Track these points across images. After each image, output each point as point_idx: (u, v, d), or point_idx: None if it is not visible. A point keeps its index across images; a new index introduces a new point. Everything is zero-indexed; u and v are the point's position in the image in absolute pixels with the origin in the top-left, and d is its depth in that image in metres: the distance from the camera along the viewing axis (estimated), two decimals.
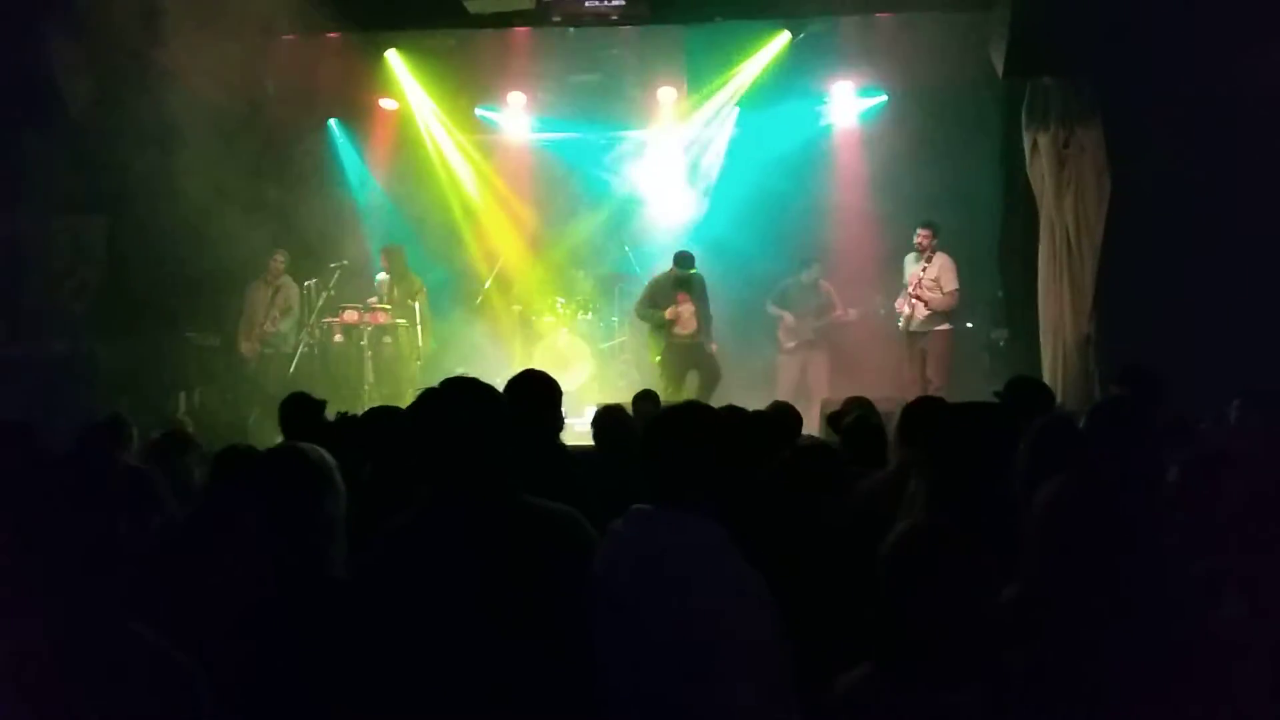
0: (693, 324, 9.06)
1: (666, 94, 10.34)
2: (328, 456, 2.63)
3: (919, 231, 8.62)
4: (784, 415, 4.08)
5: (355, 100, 10.15)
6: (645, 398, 5.89)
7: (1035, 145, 7.64)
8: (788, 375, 9.29)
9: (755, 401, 4.79)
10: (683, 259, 9.17)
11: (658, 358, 9.17)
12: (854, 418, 4.09)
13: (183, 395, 8.96)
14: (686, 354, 9.05)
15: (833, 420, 4.43)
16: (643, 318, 9.37)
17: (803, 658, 2.28)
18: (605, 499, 2.63)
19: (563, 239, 10.61)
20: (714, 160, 10.64)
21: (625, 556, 2.30)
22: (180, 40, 8.19)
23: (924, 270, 8.51)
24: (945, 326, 8.58)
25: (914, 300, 8.52)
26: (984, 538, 2.50)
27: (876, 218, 9.00)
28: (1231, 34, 6.39)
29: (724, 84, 10.12)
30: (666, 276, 9.20)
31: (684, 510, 2.30)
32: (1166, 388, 4.44)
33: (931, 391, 7.64)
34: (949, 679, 2.15)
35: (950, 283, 8.52)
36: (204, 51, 8.47)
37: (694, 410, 2.52)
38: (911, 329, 8.58)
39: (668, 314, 9.03)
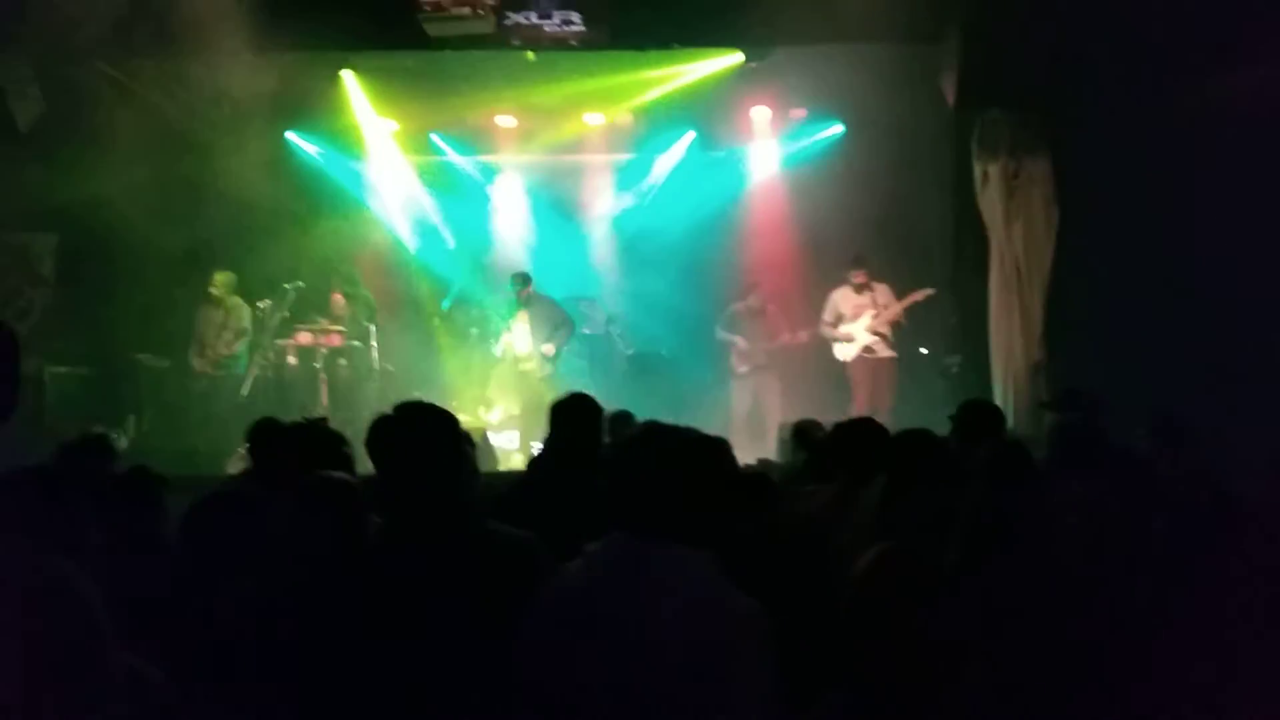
0: (524, 348, 9.02)
1: (624, 117, 10.42)
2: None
3: (855, 274, 8.76)
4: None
5: (315, 119, 10.06)
6: (621, 420, 5.79)
7: (985, 175, 7.79)
8: (741, 400, 9.29)
9: (710, 426, 4.80)
10: (514, 279, 9.20)
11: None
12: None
13: (132, 419, 8.80)
14: (517, 381, 9.07)
15: (799, 435, 4.44)
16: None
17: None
18: None
19: (522, 261, 10.59)
20: (662, 181, 10.72)
21: (606, 583, 2.12)
22: (134, 57, 8.11)
23: (874, 300, 8.68)
24: (894, 354, 8.80)
25: (880, 329, 8.68)
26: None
27: (829, 243, 9.08)
28: (1179, 67, 6.56)
29: (677, 104, 10.15)
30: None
31: (670, 540, 2.09)
32: (1105, 412, 4.53)
33: (880, 416, 7.72)
34: (916, 706, 2.16)
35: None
36: (159, 68, 8.40)
37: (680, 436, 2.26)
38: (877, 356, 8.72)
39: (496, 351, 9.17)
